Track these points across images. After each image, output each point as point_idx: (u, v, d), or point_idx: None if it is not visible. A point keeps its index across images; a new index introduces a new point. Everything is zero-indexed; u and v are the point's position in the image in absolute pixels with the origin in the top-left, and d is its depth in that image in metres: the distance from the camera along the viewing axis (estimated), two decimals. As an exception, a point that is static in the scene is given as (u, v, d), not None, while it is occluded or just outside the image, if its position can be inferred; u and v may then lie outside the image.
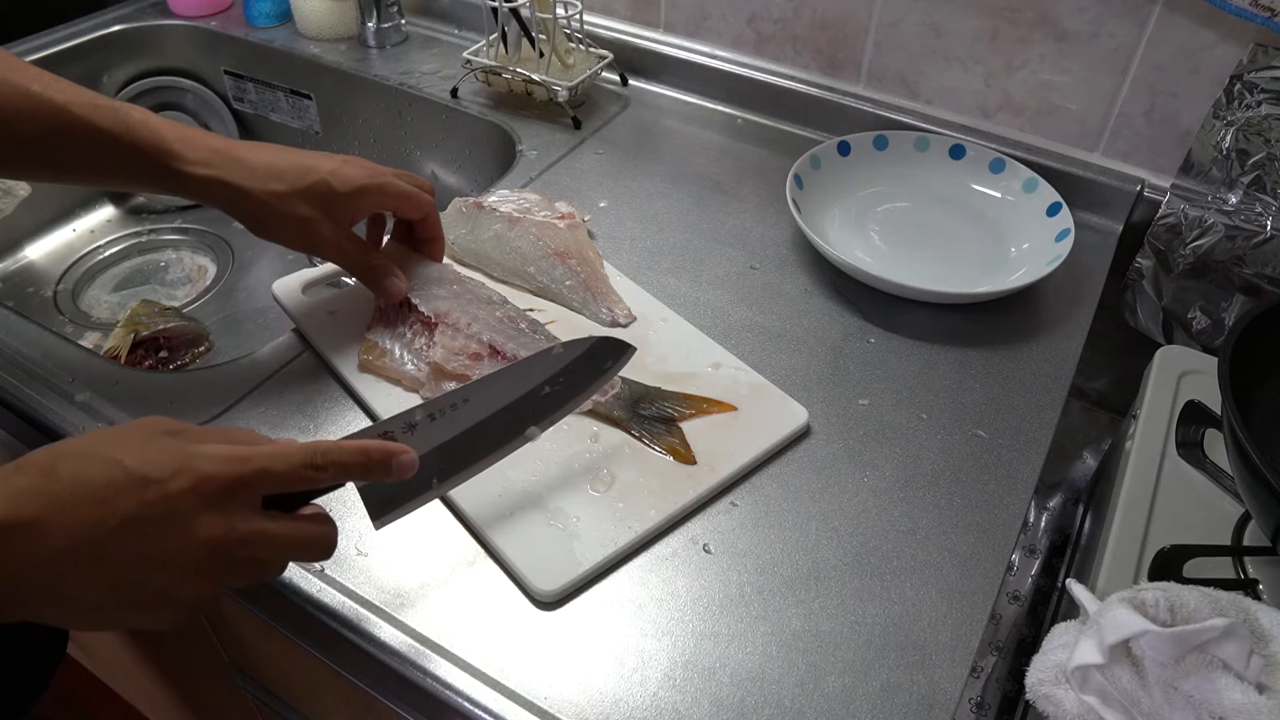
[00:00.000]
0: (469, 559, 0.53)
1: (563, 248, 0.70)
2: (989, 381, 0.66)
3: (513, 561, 0.51)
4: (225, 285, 1.03)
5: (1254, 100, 0.72)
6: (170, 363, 0.90)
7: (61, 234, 1.08)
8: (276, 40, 1.08)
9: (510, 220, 0.72)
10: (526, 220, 0.72)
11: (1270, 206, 0.73)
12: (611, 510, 0.54)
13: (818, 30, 0.90)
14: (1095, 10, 0.77)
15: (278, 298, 0.68)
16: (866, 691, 0.47)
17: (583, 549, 0.52)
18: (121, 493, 0.38)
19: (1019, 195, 0.80)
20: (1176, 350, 0.68)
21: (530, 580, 0.50)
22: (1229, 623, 0.39)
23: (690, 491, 0.55)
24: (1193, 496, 0.57)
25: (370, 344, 0.63)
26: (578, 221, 0.74)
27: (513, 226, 0.71)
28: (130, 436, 0.41)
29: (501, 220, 0.72)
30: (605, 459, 0.57)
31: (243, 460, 0.41)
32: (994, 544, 0.55)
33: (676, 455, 0.57)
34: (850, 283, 0.72)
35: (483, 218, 0.72)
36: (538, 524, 0.53)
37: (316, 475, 0.43)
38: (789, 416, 0.61)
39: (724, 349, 0.65)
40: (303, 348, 0.66)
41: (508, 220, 0.72)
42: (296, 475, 0.42)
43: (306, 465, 0.42)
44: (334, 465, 0.43)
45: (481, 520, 0.53)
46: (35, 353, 0.65)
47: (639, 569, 0.52)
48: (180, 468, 0.39)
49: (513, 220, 0.72)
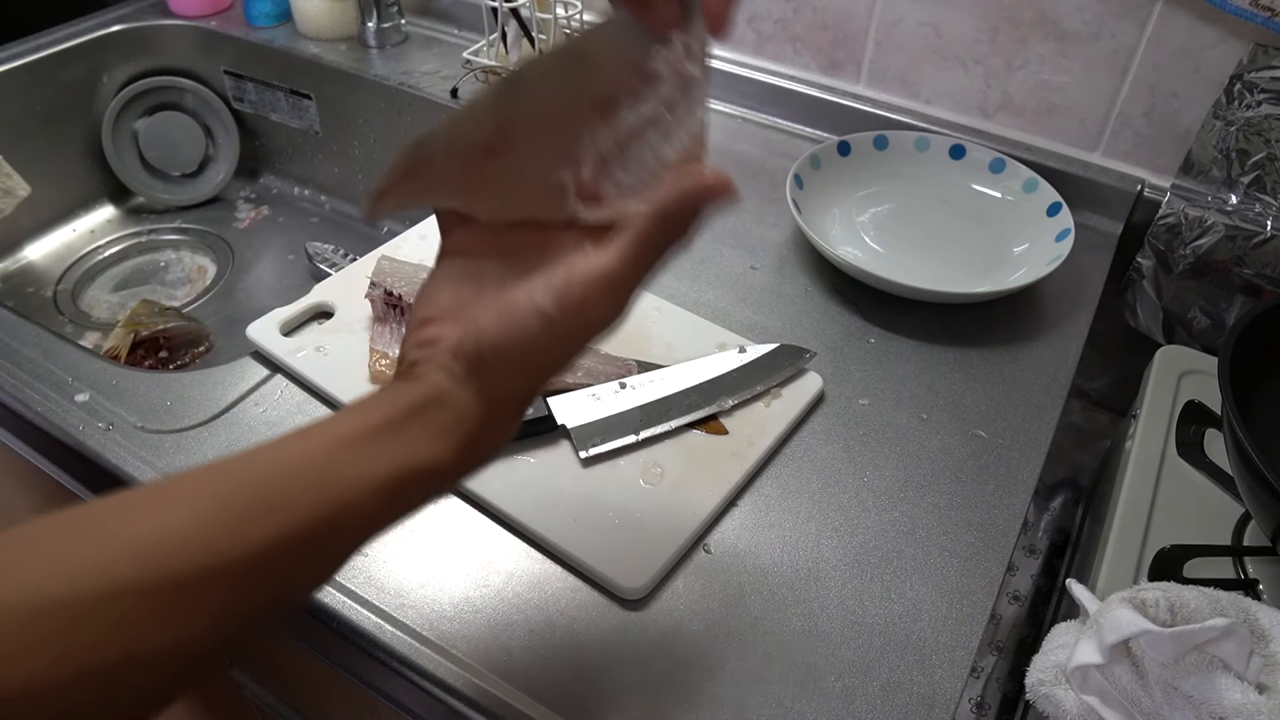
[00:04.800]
0: (470, 559, 0.53)
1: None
2: (989, 381, 0.66)
3: (595, 567, 0.51)
4: (225, 285, 1.03)
5: (1254, 100, 0.72)
6: (170, 363, 0.90)
7: (61, 234, 1.08)
8: (276, 40, 1.08)
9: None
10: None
11: (1270, 206, 0.73)
12: (670, 499, 0.55)
13: (818, 30, 0.90)
14: (1095, 10, 0.77)
15: (259, 344, 0.65)
16: (866, 691, 0.47)
17: (657, 541, 0.52)
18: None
19: (1019, 195, 0.80)
20: (1176, 350, 0.68)
21: (618, 581, 0.51)
22: (1229, 623, 0.39)
23: (737, 470, 0.57)
24: (1193, 496, 0.57)
25: (378, 353, 0.63)
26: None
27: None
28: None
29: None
30: (647, 451, 0.58)
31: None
32: (994, 544, 0.55)
33: (710, 429, 0.60)
34: (850, 283, 0.72)
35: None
36: (606, 526, 0.53)
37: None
38: (806, 384, 0.63)
39: (724, 328, 0.67)
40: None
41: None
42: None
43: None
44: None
45: (551, 533, 0.53)
46: (35, 353, 0.65)
47: (639, 569, 0.53)
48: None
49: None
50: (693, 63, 0.37)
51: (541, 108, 0.38)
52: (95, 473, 0.59)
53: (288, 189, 1.17)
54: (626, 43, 0.38)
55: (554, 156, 0.37)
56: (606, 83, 0.37)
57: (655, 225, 0.33)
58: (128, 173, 1.10)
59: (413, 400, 0.34)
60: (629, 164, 0.38)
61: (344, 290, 0.69)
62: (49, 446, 0.62)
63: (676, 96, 0.38)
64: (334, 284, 0.70)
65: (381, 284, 0.64)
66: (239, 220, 1.13)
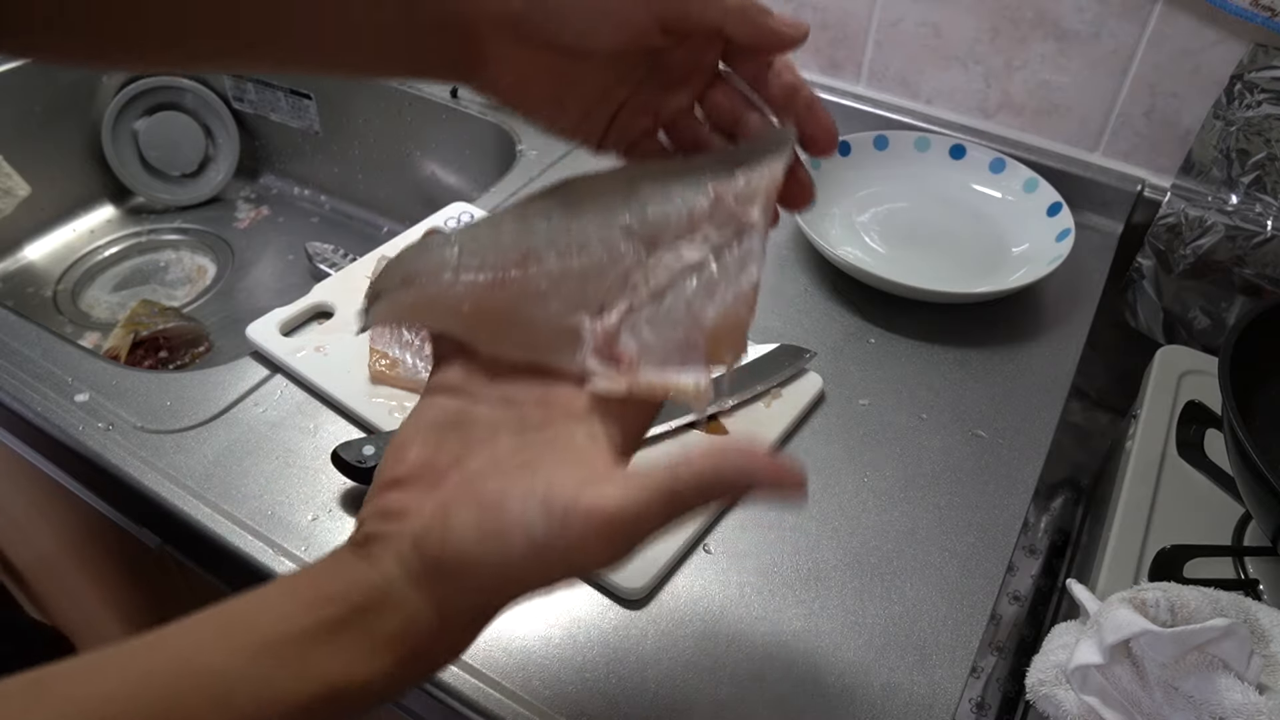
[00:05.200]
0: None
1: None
2: (989, 381, 0.66)
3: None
4: (225, 285, 1.03)
5: (1254, 100, 0.72)
6: (170, 363, 0.90)
7: (61, 234, 1.08)
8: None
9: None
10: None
11: (1271, 206, 0.73)
12: None
13: (818, 30, 0.90)
14: (1095, 10, 0.77)
15: (258, 344, 0.65)
16: (867, 692, 0.47)
17: (657, 541, 0.52)
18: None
19: (1019, 195, 0.80)
20: (1177, 350, 0.68)
21: (618, 581, 0.50)
22: (1229, 623, 0.39)
23: None
24: (1193, 496, 0.57)
25: (378, 353, 0.63)
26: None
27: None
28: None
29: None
30: (647, 452, 0.58)
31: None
32: (994, 544, 0.55)
33: (710, 429, 0.60)
34: (850, 283, 0.72)
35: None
36: None
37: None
38: (806, 384, 0.63)
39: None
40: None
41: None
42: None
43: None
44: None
45: None
46: (35, 353, 0.65)
47: (639, 569, 0.53)
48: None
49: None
50: (754, 207, 0.32)
51: (577, 233, 0.33)
52: (95, 473, 0.59)
53: (288, 189, 1.17)
54: (688, 175, 0.33)
55: (577, 294, 0.32)
56: (655, 215, 0.32)
57: (687, 485, 0.28)
58: (127, 173, 1.10)
59: (358, 597, 0.29)
60: (660, 319, 0.31)
61: (344, 290, 0.69)
62: (49, 446, 0.62)
63: (728, 243, 0.32)
64: (334, 284, 0.70)
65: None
66: (239, 220, 1.12)
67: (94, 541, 0.78)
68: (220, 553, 0.53)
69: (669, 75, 0.38)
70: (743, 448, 0.28)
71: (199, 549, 0.55)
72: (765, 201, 0.32)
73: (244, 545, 0.53)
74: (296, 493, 0.56)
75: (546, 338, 0.32)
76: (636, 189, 0.33)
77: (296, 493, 0.56)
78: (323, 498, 0.56)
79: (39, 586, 1.16)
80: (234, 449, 0.58)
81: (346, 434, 0.60)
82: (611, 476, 0.29)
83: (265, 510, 0.55)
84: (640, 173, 0.34)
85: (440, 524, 0.29)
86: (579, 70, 0.36)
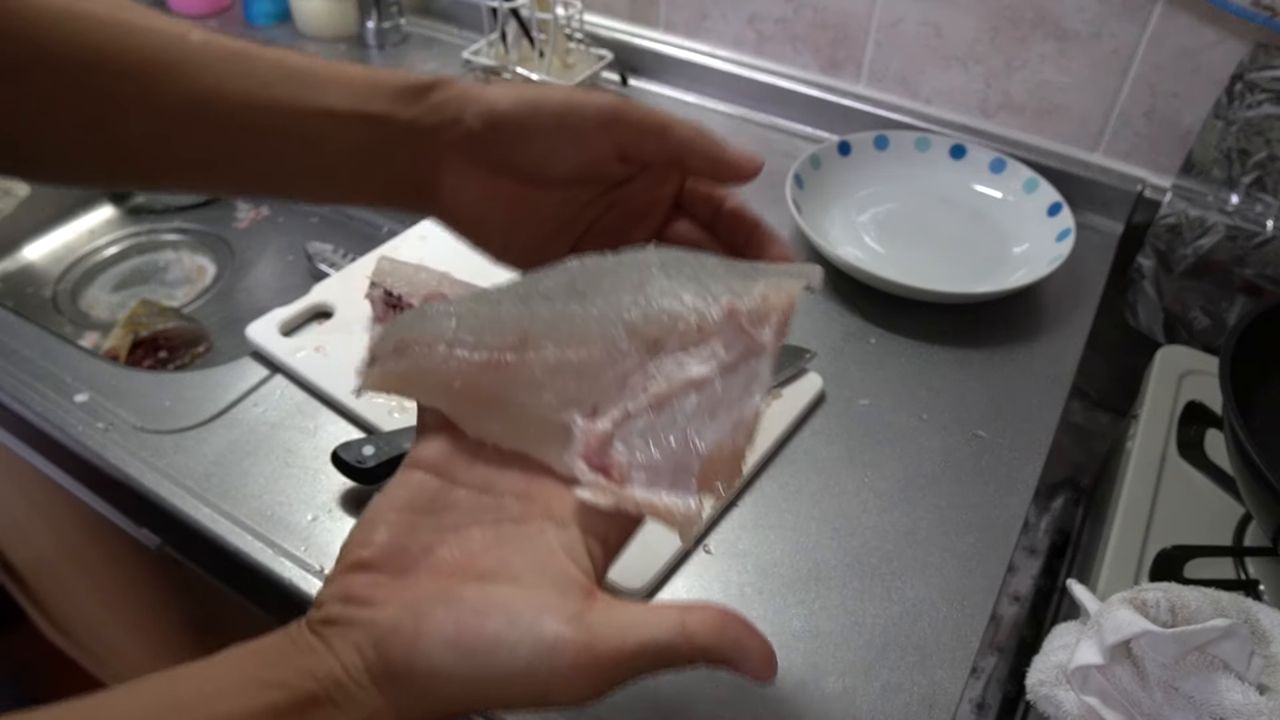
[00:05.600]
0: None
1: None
2: (989, 382, 0.66)
3: None
4: (225, 285, 1.03)
5: (1255, 100, 0.72)
6: (170, 363, 0.90)
7: (61, 234, 1.08)
8: (276, 40, 1.08)
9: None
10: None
11: (1271, 206, 0.73)
12: None
13: (818, 30, 0.90)
14: (1095, 10, 0.77)
15: (258, 344, 0.65)
16: (867, 692, 0.47)
17: (657, 541, 0.52)
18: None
19: (1019, 195, 0.80)
20: (1177, 350, 0.68)
21: (618, 581, 0.50)
22: (1230, 623, 0.39)
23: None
24: (1193, 497, 0.57)
25: None
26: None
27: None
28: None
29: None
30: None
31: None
32: (994, 544, 0.55)
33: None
34: (850, 283, 0.72)
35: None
36: None
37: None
38: (806, 384, 0.63)
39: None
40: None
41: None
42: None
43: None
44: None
45: None
46: (35, 353, 0.65)
47: (639, 569, 0.52)
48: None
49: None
50: (767, 328, 0.30)
51: (579, 323, 0.31)
52: (95, 473, 0.58)
53: (287, 189, 1.17)
54: (702, 277, 0.32)
55: (572, 389, 0.31)
56: (662, 317, 0.31)
57: (689, 646, 0.28)
58: (127, 173, 1.10)
59: (312, 685, 0.27)
60: (655, 434, 0.30)
61: (343, 290, 0.69)
62: (49, 446, 0.62)
63: (735, 364, 0.30)
64: (333, 284, 0.70)
65: (381, 284, 0.64)
66: (238, 220, 1.12)
67: (94, 541, 0.78)
68: (220, 553, 0.53)
69: (627, 208, 0.37)
70: (747, 625, 0.28)
71: (199, 549, 0.55)
72: (779, 325, 0.31)
73: (244, 545, 0.53)
74: (296, 493, 0.56)
75: (535, 429, 0.31)
76: (646, 284, 0.32)
77: (296, 493, 0.56)
78: (322, 498, 0.56)
79: (39, 586, 1.16)
80: (234, 449, 0.58)
81: (346, 434, 0.60)
82: (609, 612, 0.28)
83: (265, 510, 0.55)
84: (652, 262, 0.32)
85: (411, 626, 0.27)
86: (537, 198, 0.36)
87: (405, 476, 0.32)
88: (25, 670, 1.37)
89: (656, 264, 0.32)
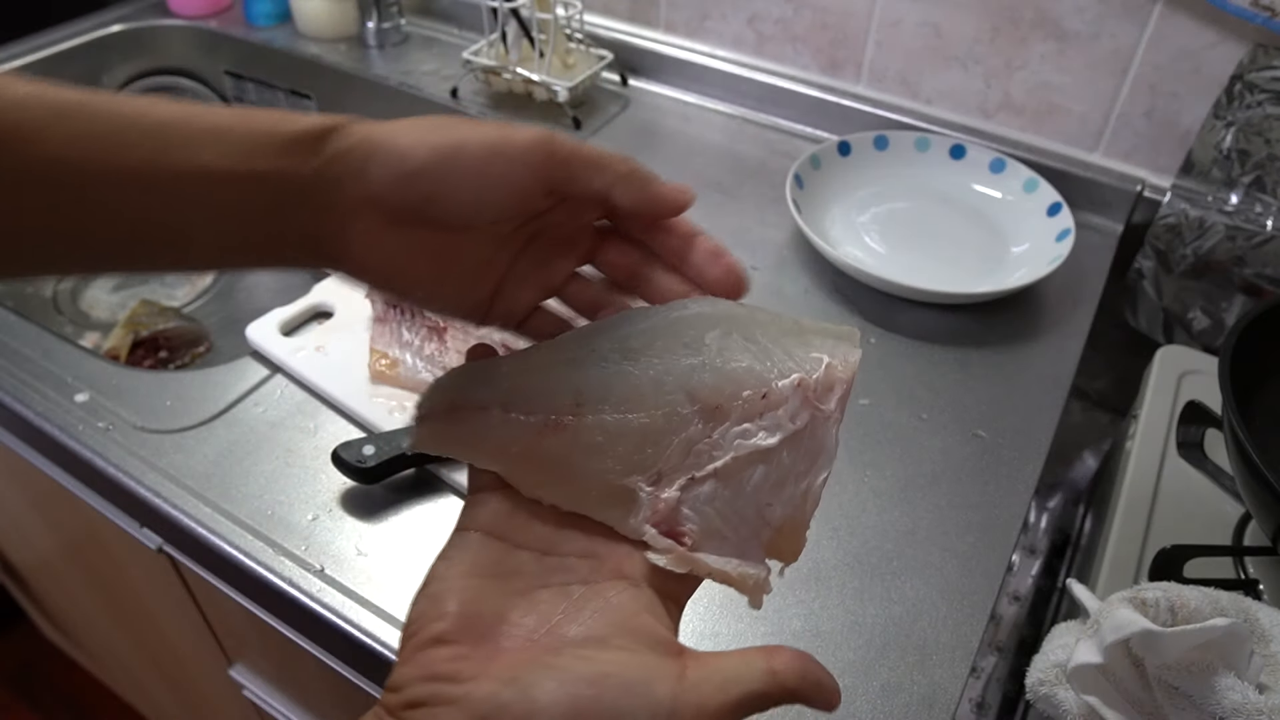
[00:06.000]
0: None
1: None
2: (989, 381, 0.66)
3: None
4: (225, 285, 1.03)
5: (1254, 100, 0.72)
6: (170, 363, 0.90)
7: (61, 234, 1.08)
8: (276, 40, 1.08)
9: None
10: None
11: (1271, 206, 0.73)
12: None
13: (818, 30, 0.90)
14: (1095, 10, 0.77)
15: (258, 344, 0.65)
16: (867, 692, 0.47)
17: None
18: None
19: (1019, 195, 0.80)
20: (1177, 350, 0.68)
21: None
22: (1230, 623, 0.39)
23: None
24: (1193, 497, 0.57)
25: (379, 353, 0.63)
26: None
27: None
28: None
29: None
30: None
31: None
32: (994, 544, 0.55)
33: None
34: (850, 283, 0.72)
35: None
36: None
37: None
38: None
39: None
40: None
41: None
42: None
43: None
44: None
45: None
46: (35, 353, 0.65)
47: (639, 569, 0.52)
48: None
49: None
50: (834, 397, 0.31)
51: (635, 383, 0.31)
52: (95, 473, 0.58)
53: (288, 189, 1.17)
54: (755, 343, 0.31)
55: (634, 455, 0.30)
56: (725, 386, 0.30)
57: (779, 691, 0.28)
58: (128, 173, 1.10)
59: None
60: (723, 503, 0.30)
61: (343, 290, 0.69)
62: (49, 446, 0.62)
63: (801, 434, 0.30)
64: (333, 284, 0.70)
65: (381, 284, 0.64)
66: (239, 220, 1.12)
67: (94, 541, 0.78)
68: (220, 553, 0.53)
69: (552, 237, 0.36)
70: (818, 664, 0.29)
71: (199, 549, 0.55)
72: (843, 396, 0.31)
73: (244, 545, 0.53)
74: (296, 493, 0.56)
75: (598, 494, 0.31)
76: (700, 343, 0.31)
77: (296, 493, 0.56)
78: (323, 498, 0.56)
79: (39, 586, 1.16)
80: (234, 449, 0.58)
81: (346, 434, 0.60)
82: (705, 669, 0.28)
83: (265, 510, 0.55)
84: (703, 317, 0.32)
85: (519, 701, 0.26)
86: (458, 244, 0.33)
87: (462, 539, 0.31)
88: (25, 670, 1.37)
89: (707, 319, 0.32)
